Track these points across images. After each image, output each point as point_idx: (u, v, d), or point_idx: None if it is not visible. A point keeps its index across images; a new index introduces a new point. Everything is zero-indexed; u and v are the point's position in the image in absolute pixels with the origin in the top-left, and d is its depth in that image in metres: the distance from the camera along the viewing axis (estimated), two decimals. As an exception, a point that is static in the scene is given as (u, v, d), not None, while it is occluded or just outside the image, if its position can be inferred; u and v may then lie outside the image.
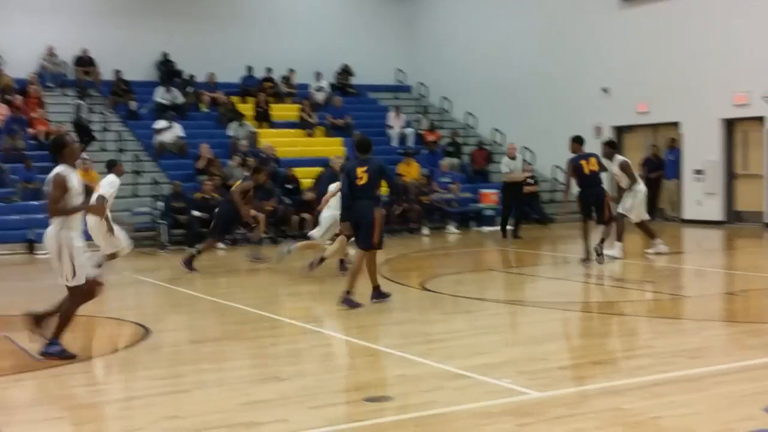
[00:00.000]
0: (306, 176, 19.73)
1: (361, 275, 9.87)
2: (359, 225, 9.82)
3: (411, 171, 20.64)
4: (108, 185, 12.05)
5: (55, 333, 7.39)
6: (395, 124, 24.27)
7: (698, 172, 20.07)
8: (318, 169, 19.16)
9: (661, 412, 5.56)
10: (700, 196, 20.11)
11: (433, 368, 6.85)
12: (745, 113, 19.14)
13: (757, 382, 6.32)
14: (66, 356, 7.32)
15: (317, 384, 6.50)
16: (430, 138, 23.75)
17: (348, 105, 24.85)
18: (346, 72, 26.69)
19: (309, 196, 18.26)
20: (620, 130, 22.31)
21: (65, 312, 7.41)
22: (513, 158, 18.14)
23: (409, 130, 24.19)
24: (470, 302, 10.44)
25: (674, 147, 20.70)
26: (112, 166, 12.76)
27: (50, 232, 7.33)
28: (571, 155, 13.59)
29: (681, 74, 20.15)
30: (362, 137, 10.37)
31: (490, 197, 20.99)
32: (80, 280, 7.32)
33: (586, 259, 13.24)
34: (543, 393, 6.02)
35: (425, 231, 19.56)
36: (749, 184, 19.44)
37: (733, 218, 19.75)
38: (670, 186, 20.80)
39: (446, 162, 22.06)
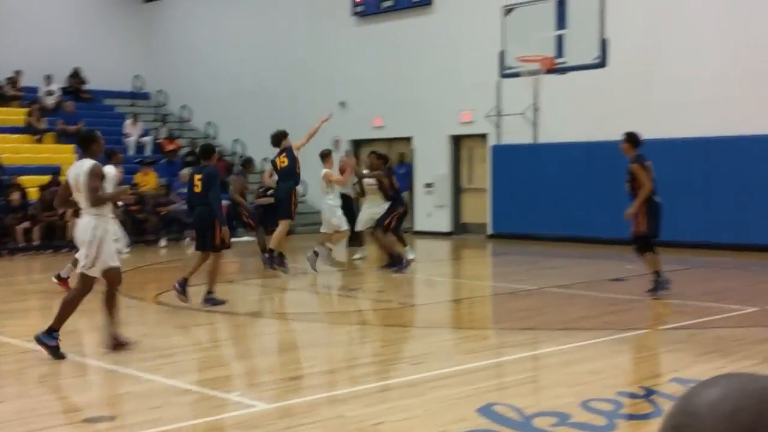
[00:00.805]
0: (33, 184, 18.65)
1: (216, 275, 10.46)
2: (199, 230, 10.58)
3: (148, 181, 20.10)
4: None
5: (54, 324, 7.55)
6: (132, 132, 23.55)
7: (428, 185, 21.13)
8: (47, 178, 18.19)
9: (382, 417, 5.78)
10: (430, 209, 21.18)
11: (161, 384, 6.70)
12: (471, 130, 20.41)
13: (472, 384, 6.74)
14: (59, 355, 7.44)
15: (34, 406, 6.14)
16: (169, 147, 23.26)
17: (81, 111, 23.76)
18: (78, 76, 25.52)
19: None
20: (357, 144, 23.01)
21: (71, 301, 7.64)
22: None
23: (147, 139, 23.58)
24: (206, 315, 10.31)
25: (405, 161, 21.64)
26: (110, 156, 11.76)
27: (87, 222, 7.55)
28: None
29: (413, 91, 21.14)
30: (205, 144, 10.31)
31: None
32: (96, 273, 7.58)
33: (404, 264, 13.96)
34: (271, 405, 6.06)
35: (162, 243, 19.11)
36: (474, 198, 20.74)
37: (460, 230, 20.97)
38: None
39: (185, 172, 21.65)
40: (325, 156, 14.52)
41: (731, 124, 15.93)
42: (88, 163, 7.61)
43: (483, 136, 20.18)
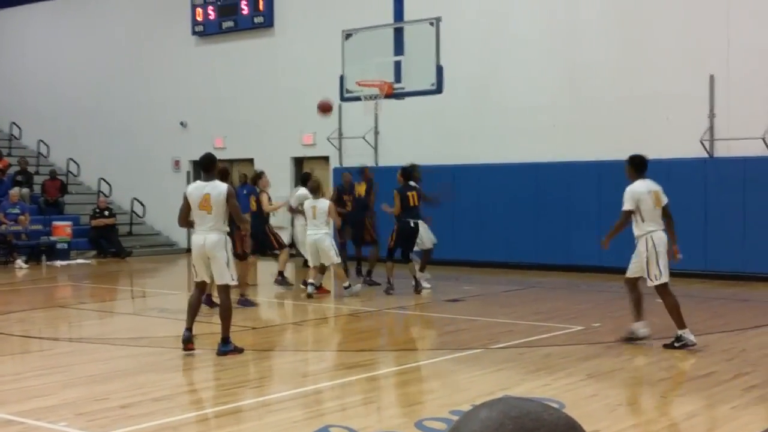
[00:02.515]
0: None
1: None
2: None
3: (-27, 201, 19.10)
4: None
5: (224, 334, 8.60)
6: (-44, 149, 22.32)
7: (271, 207, 21.01)
8: None
9: (217, 444, 5.71)
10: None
11: (-18, 417, 6.36)
12: (313, 153, 20.50)
13: (309, 407, 6.75)
14: (237, 350, 8.63)
15: None
16: (-3, 166, 22.18)
17: None
18: None
19: None
20: (197, 165, 22.65)
21: (225, 312, 8.59)
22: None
23: (-28, 157, 22.39)
24: (32, 341, 9.89)
25: (246, 182, 21.42)
26: (306, 180, 14.25)
27: (219, 239, 8.54)
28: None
29: (255, 112, 21.04)
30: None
31: (63, 230, 20.09)
32: (236, 281, 8.83)
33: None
34: (100, 434, 5.87)
35: (-12, 266, 18.17)
36: (316, 219, 20.77)
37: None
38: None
39: (15, 192, 20.68)
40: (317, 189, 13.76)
41: (560, 150, 16.71)
42: (224, 185, 8.61)
43: (325, 158, 20.31)
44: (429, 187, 14.42)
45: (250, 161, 21.57)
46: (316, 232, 13.22)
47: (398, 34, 13.82)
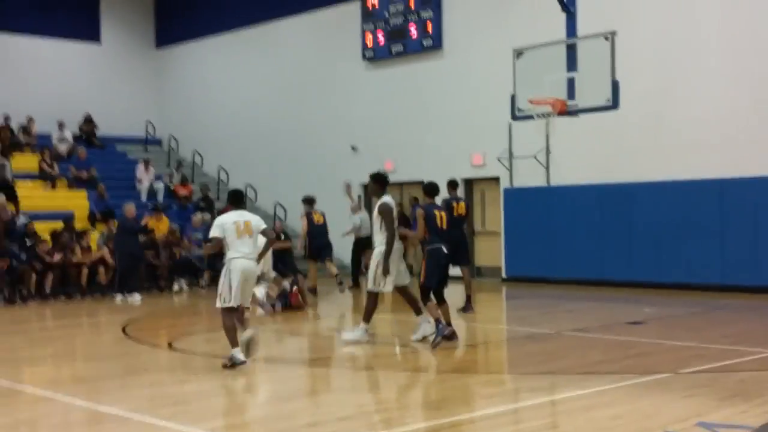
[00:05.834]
0: (48, 230, 18.61)
1: None
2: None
3: (160, 226, 20.11)
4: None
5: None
6: (144, 177, 23.62)
7: (441, 228, 21.02)
8: (60, 224, 18.22)
9: (402, 465, 5.67)
10: (443, 252, 21.05)
11: (180, 431, 6.60)
12: (483, 173, 20.38)
13: (491, 431, 6.62)
14: None
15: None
16: (182, 192, 23.31)
17: (93, 157, 23.88)
18: (90, 122, 25.69)
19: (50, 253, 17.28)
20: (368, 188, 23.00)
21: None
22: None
23: (159, 184, 23.63)
24: (216, 361, 10.21)
25: (417, 203, 21.56)
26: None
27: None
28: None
29: (423, 134, 21.17)
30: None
31: (242, 253, 20.82)
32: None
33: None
34: (288, 452, 5.96)
35: (176, 287, 19.05)
36: (488, 241, 20.64)
37: (474, 273, 20.80)
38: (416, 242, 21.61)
39: (198, 217, 21.66)
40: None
41: (745, 165, 15.87)
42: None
43: (496, 179, 20.15)
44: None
45: (420, 183, 21.66)
46: None
47: (571, 50, 13.60)
